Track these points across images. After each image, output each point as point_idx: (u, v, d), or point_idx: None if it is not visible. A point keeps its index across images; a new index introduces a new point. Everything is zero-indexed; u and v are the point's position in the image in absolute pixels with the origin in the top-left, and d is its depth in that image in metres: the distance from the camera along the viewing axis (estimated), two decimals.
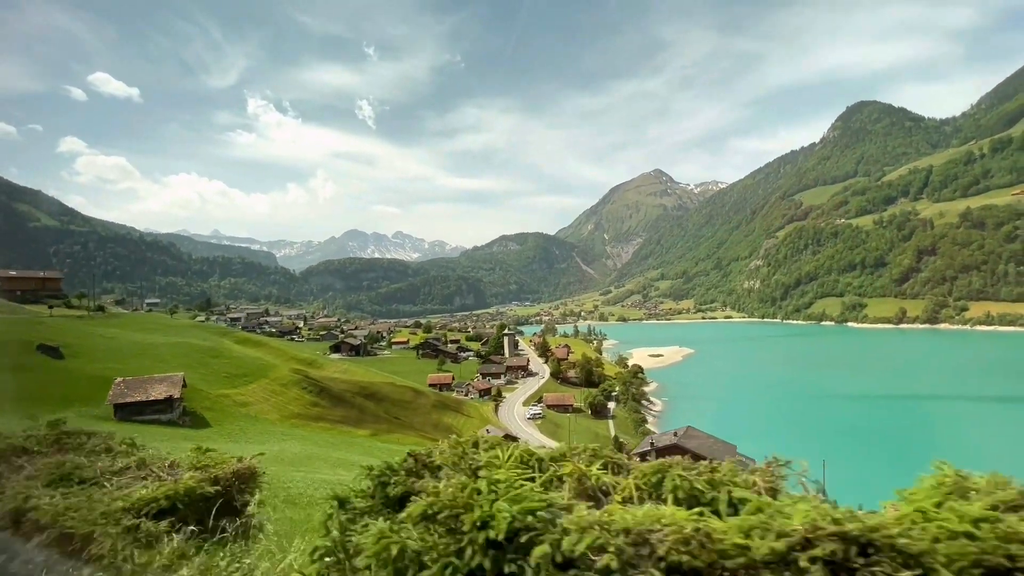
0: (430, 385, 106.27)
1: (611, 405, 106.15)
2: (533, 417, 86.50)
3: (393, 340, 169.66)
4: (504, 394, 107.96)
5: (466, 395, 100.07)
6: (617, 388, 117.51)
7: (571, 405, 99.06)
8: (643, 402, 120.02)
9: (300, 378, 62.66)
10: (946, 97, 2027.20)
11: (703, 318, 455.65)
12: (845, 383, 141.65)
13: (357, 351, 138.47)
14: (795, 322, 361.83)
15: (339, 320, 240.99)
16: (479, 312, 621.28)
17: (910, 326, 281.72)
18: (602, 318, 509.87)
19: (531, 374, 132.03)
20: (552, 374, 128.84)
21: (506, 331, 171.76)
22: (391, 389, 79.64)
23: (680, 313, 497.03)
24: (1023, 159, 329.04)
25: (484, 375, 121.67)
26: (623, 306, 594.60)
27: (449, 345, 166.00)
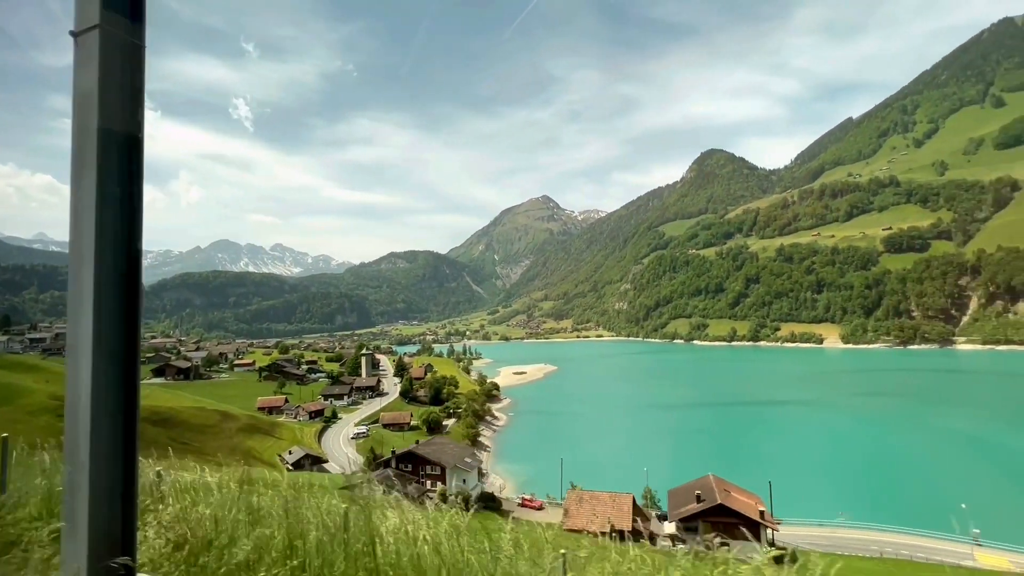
0: (259, 408, 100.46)
1: (450, 422, 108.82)
2: (356, 436, 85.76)
3: (236, 362, 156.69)
4: (342, 415, 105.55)
5: (295, 418, 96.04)
6: (463, 405, 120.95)
7: (407, 423, 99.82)
8: (487, 418, 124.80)
9: (59, 404, 55.94)
10: (777, 150, 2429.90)
11: (578, 337, 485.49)
12: (673, 393, 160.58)
13: (187, 375, 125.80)
14: (654, 340, 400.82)
15: (178, 341, 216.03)
16: (362, 331, 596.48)
17: (739, 343, 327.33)
18: (486, 337, 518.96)
19: (381, 394, 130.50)
20: (401, 393, 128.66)
21: (364, 351, 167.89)
22: (193, 414, 74.01)
23: (558, 332, 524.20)
24: (820, 207, 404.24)
25: (326, 396, 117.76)
26: (508, 325, 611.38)
27: (302, 367, 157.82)
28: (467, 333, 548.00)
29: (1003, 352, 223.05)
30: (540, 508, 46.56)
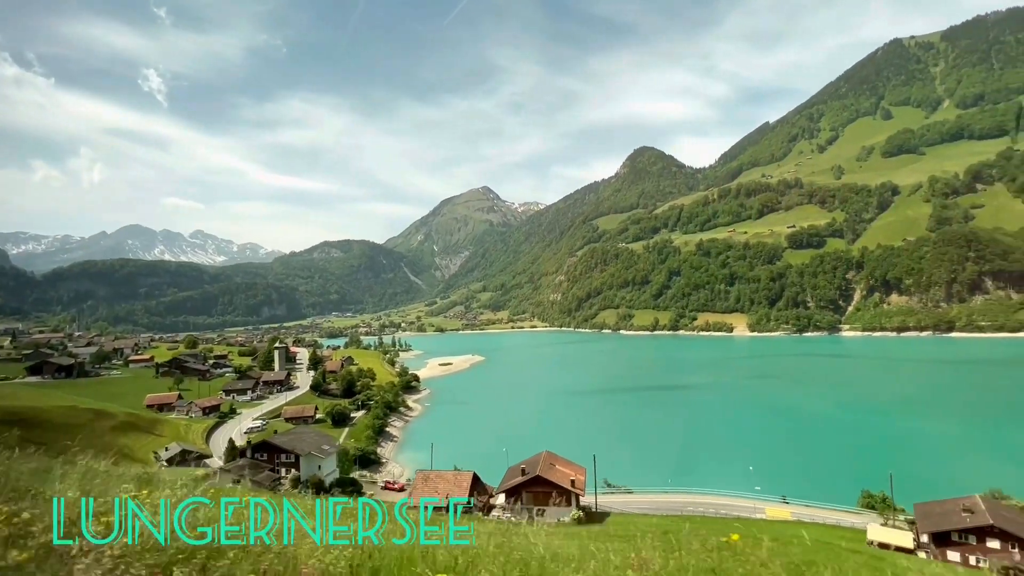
0: (148, 406, 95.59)
1: (359, 414, 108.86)
2: (251, 431, 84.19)
3: (133, 358, 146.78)
4: (242, 410, 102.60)
5: (187, 414, 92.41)
6: (376, 397, 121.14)
7: (311, 416, 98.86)
8: (401, 409, 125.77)
9: None
10: (706, 149, 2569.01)
11: (513, 328, 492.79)
12: (587, 380, 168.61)
13: (69, 372, 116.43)
14: (584, 330, 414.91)
15: (67, 336, 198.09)
16: (291, 324, 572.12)
17: (660, 332, 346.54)
18: (421, 329, 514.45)
19: (291, 388, 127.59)
20: (313, 387, 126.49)
21: (277, 344, 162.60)
22: (61, 413, 69.58)
23: (495, 323, 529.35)
24: (736, 205, 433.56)
25: (228, 392, 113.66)
26: (446, 317, 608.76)
27: (208, 362, 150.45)
28: (402, 325, 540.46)
29: (876, 338, 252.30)
30: (401, 489, 48.79)
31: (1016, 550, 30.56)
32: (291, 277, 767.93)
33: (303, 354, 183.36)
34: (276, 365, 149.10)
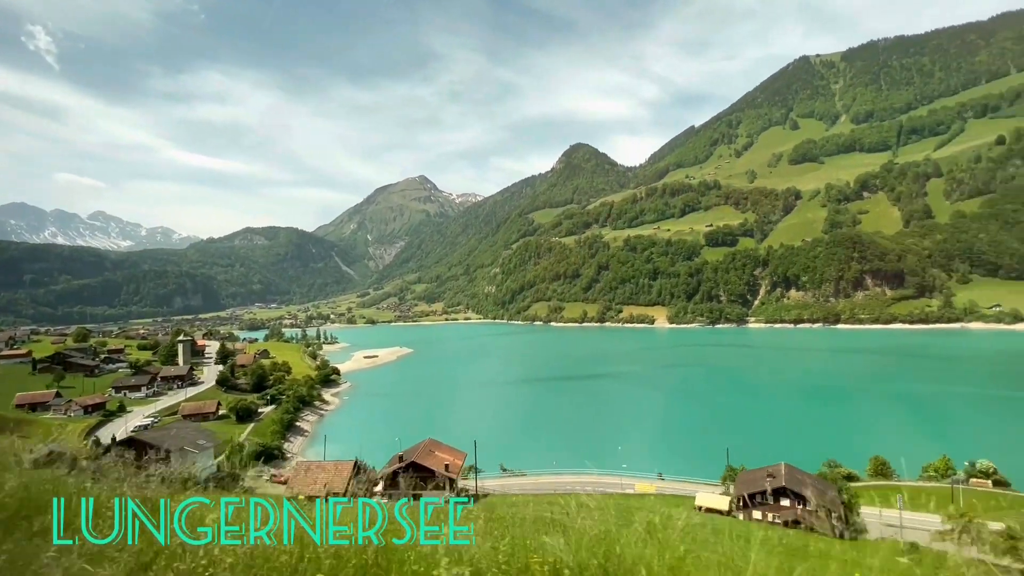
0: (17, 405, 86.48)
1: (267, 409, 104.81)
2: (137, 429, 78.73)
3: (5, 353, 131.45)
4: (133, 408, 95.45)
5: (65, 413, 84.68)
6: (288, 391, 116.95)
7: (212, 413, 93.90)
8: (316, 403, 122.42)
9: None
10: (638, 148, 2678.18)
11: (447, 320, 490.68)
12: (511, 371, 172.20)
13: None
14: (516, 322, 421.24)
15: None
16: (207, 316, 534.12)
17: (589, 324, 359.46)
18: (351, 321, 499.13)
19: (194, 383, 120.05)
20: (219, 382, 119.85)
21: (182, 337, 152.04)
22: None
23: (428, 315, 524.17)
24: (661, 204, 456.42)
25: (118, 389, 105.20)
26: (379, 308, 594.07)
27: (100, 356, 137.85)
28: (331, 317, 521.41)
29: (777, 329, 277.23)
30: (285, 482, 48.46)
31: (800, 507, 36.28)
32: (208, 265, 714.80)
33: (214, 347, 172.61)
34: (180, 359, 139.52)
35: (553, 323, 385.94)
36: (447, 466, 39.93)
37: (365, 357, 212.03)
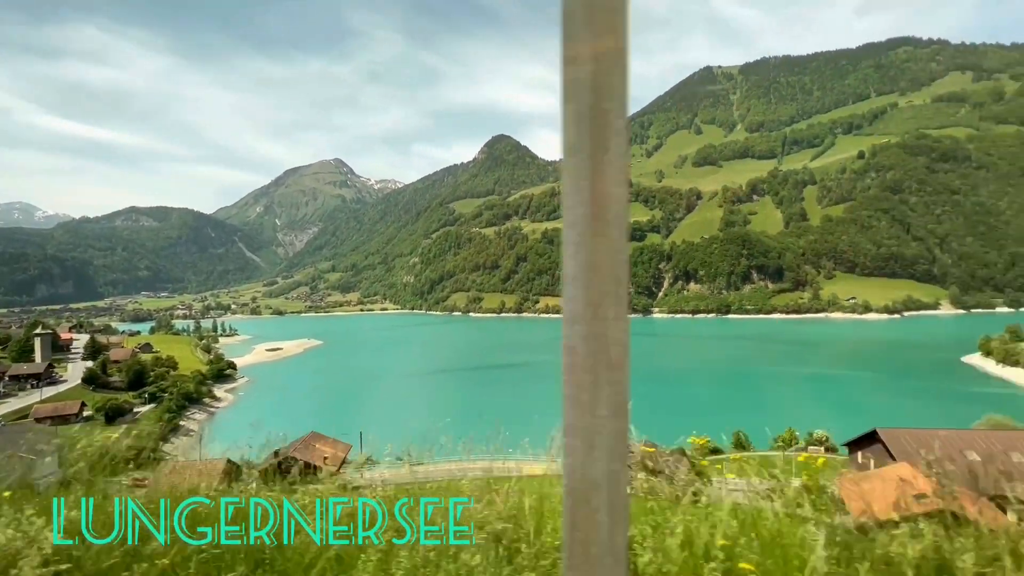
0: None
1: (146, 408, 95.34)
2: None
3: None
4: None
5: None
6: (173, 388, 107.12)
7: (74, 414, 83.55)
8: (207, 400, 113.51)
9: None
10: (557, 143, 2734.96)
11: (362, 311, 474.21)
12: (423, 362, 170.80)
13: None
14: (435, 313, 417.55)
15: None
16: (81, 306, 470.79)
17: (507, 315, 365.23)
18: (256, 312, 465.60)
19: (53, 382, 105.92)
20: (86, 380, 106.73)
21: (39, 331, 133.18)
22: None
23: (343, 306, 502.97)
24: None
25: None
26: (288, 298, 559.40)
27: None
28: (232, 307, 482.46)
29: (678, 319, 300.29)
30: (146, 486, 45.01)
31: (657, 478, 40.64)
32: (82, 248, 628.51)
33: (84, 341, 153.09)
34: (37, 355, 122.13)
35: (472, 314, 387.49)
36: (325, 459, 39.26)
37: (268, 350, 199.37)
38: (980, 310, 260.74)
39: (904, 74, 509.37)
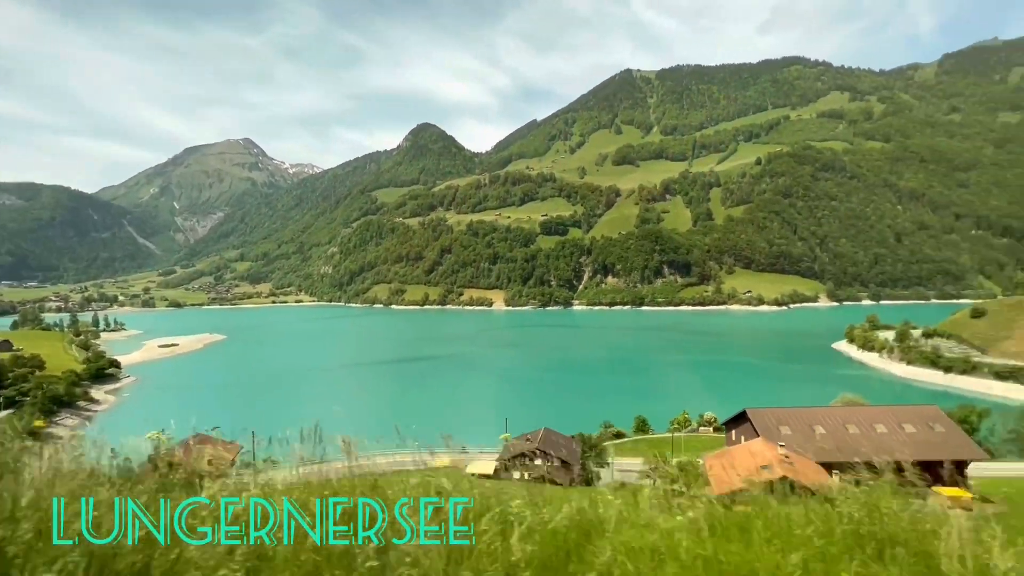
0: None
1: (2, 414, 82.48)
2: None
3: None
4: None
5: None
6: (37, 390, 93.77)
7: None
8: (81, 403, 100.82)
9: None
10: (485, 135, 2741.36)
11: (274, 303, 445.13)
12: (336, 356, 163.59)
13: None
14: (355, 305, 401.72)
15: None
16: None
17: (430, 307, 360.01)
18: (148, 304, 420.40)
19: None
20: None
21: None
22: None
23: (252, 298, 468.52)
24: (503, 191, 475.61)
25: None
26: (189, 289, 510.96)
27: None
28: (120, 299, 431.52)
29: (596, 311, 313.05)
30: None
31: (549, 463, 42.84)
32: None
33: None
34: None
35: (394, 306, 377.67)
36: (209, 461, 36.32)
37: (161, 346, 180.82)
38: (850, 302, 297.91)
39: (795, 90, 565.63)
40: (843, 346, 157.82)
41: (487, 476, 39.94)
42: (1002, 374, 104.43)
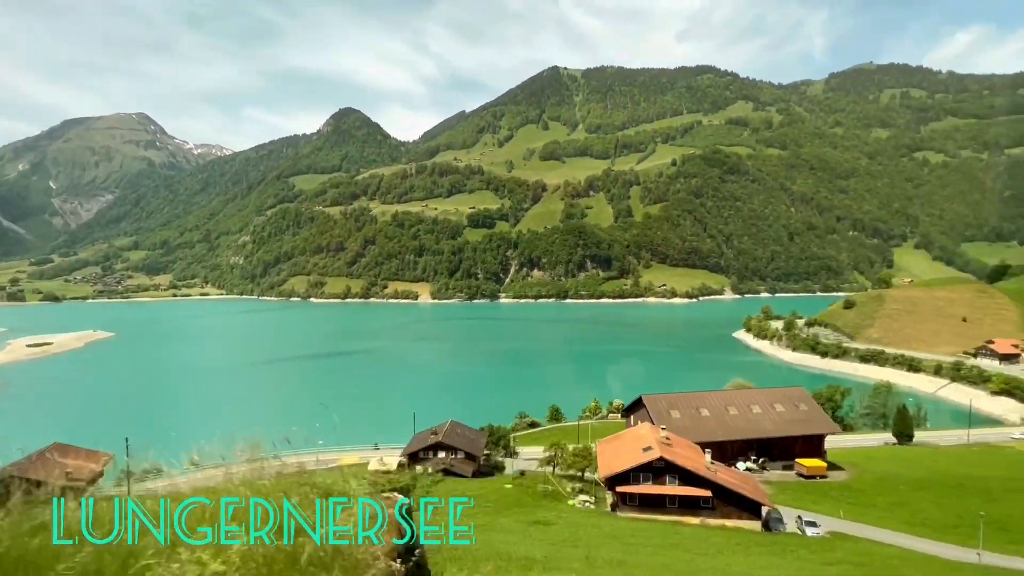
0: None
1: None
2: None
3: None
4: None
5: None
6: None
7: None
8: None
9: None
10: (414, 124, 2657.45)
11: (175, 296, 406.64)
12: (243, 353, 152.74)
13: None
14: (269, 299, 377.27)
15: None
16: None
17: (352, 300, 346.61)
18: (15, 297, 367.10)
19: None
20: None
21: None
22: None
23: (148, 290, 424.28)
24: (430, 182, 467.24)
25: None
26: (70, 280, 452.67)
27: None
28: None
29: (522, 304, 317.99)
30: None
31: (452, 456, 43.33)
32: None
33: None
34: None
35: (313, 299, 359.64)
36: (69, 474, 32.21)
37: (30, 346, 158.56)
38: (750, 295, 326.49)
39: (707, 97, 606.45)
40: (742, 335, 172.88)
41: (389, 472, 39.18)
42: (865, 357, 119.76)
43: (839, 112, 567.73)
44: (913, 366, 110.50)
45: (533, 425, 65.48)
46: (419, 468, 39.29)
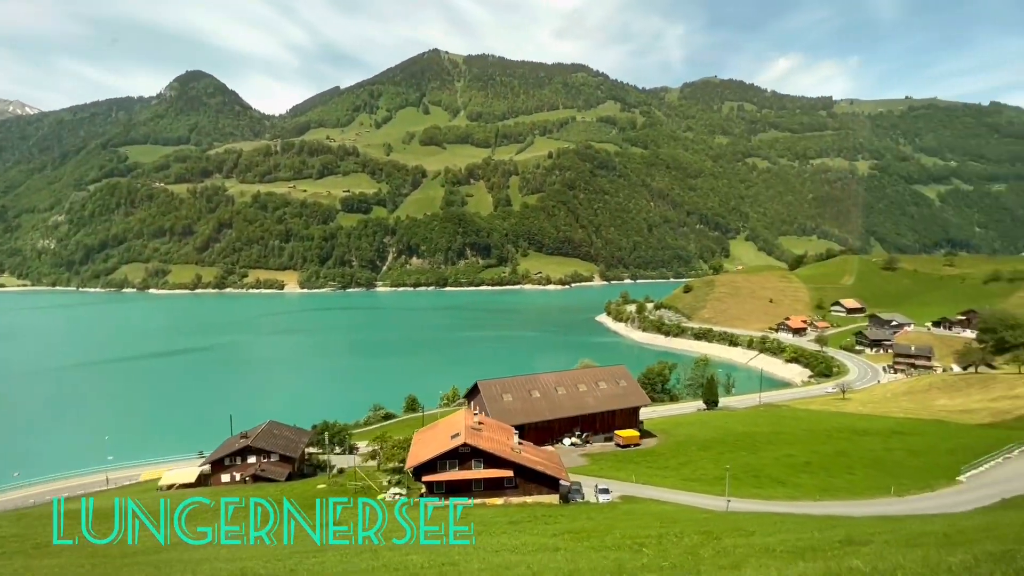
0: None
1: None
2: None
3: None
4: None
5: None
6: None
7: None
8: None
9: None
10: (280, 96, 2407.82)
11: None
12: (66, 354, 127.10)
13: None
14: (94, 290, 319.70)
15: None
16: None
17: (204, 291, 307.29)
18: None
19: None
20: None
21: None
22: None
23: None
24: (298, 162, 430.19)
25: None
26: None
27: None
28: None
29: (400, 292, 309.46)
30: None
31: (264, 460, 40.58)
32: None
33: None
34: None
35: (153, 290, 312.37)
36: None
37: None
38: (616, 281, 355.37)
39: (581, 94, 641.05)
40: (603, 318, 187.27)
41: (189, 485, 34.72)
42: (698, 335, 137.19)
43: (690, 118, 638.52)
44: (733, 341, 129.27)
45: (388, 417, 63.57)
46: (225, 477, 35.35)
